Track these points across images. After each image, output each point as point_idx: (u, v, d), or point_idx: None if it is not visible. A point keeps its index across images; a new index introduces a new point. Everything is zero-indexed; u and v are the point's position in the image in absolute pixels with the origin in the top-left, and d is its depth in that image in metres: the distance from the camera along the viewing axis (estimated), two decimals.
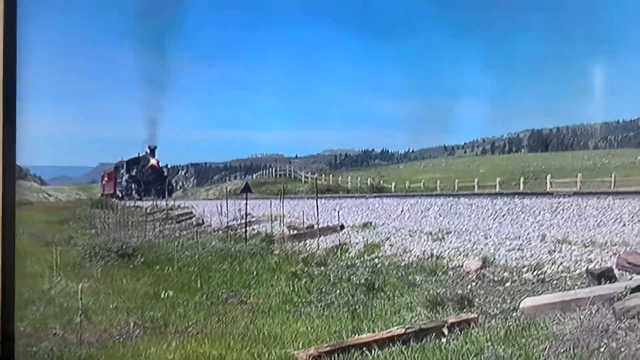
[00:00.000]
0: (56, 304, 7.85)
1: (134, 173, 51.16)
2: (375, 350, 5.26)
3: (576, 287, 6.30)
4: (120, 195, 51.30)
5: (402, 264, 9.38)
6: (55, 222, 24.12)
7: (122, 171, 54.25)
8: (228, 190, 32.55)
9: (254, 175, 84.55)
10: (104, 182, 62.41)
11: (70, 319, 6.70)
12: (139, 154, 54.21)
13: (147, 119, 57.30)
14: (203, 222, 20.21)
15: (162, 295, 8.66)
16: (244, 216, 15.60)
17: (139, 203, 35.92)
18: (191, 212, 23.48)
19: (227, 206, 18.61)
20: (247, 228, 15.03)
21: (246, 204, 15.89)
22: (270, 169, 79.47)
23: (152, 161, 51.03)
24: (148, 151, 52.52)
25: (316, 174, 67.08)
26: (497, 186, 36.20)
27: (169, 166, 58.04)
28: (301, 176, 66.08)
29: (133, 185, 49.75)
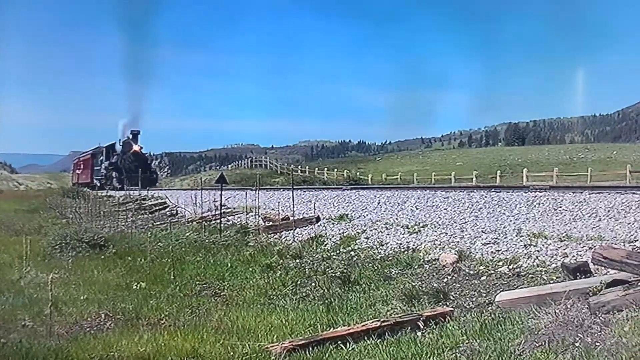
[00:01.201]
0: (26, 295, 7.73)
1: (114, 160, 47.30)
2: (350, 343, 5.24)
3: (552, 281, 6.32)
4: (98, 184, 47.96)
5: (378, 256, 9.36)
6: (25, 211, 23.78)
7: (100, 158, 50.27)
8: (203, 180, 32.30)
9: (230, 166, 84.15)
10: (78, 170, 59.02)
11: (40, 311, 6.60)
12: (119, 139, 49.87)
13: (127, 105, 53.45)
14: (177, 213, 20.00)
15: (134, 287, 8.56)
16: (219, 207, 15.45)
17: (111, 193, 35.12)
18: (165, 203, 23.21)
19: (201, 197, 18.42)
20: (222, 219, 14.90)
21: (221, 194, 15.74)
22: (246, 160, 79.25)
23: (135, 147, 46.74)
24: (130, 136, 48.01)
25: (292, 165, 67.02)
26: (474, 179, 36.59)
27: (152, 154, 55.36)
28: (277, 167, 66.00)
29: (114, 174, 45.69)
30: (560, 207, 10.24)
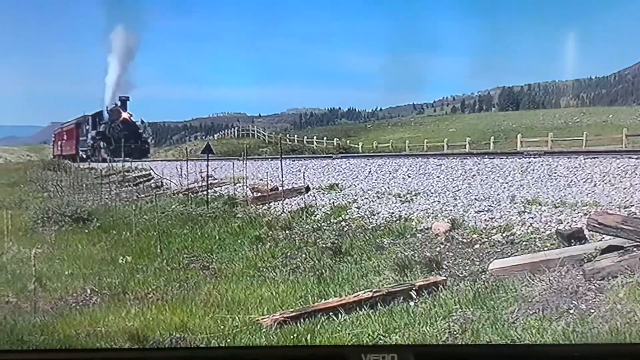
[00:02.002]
0: (8, 271, 7.63)
1: (102, 129, 43.36)
2: (342, 314, 5.19)
3: (546, 248, 6.28)
4: (84, 155, 44.10)
5: (370, 226, 9.26)
6: (4, 185, 23.43)
7: (86, 127, 46.52)
8: (188, 151, 32.08)
9: (216, 135, 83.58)
10: (60, 141, 55.82)
11: (23, 287, 6.52)
12: (106, 107, 45.92)
13: (113, 72, 49.59)
14: (162, 185, 19.74)
15: (120, 261, 8.41)
16: (205, 178, 15.27)
17: (93, 165, 34.43)
18: (149, 174, 22.93)
19: (187, 168, 18.21)
20: (209, 190, 14.73)
21: (207, 165, 15.56)
22: (233, 129, 78.65)
23: (124, 115, 43.15)
24: (118, 103, 44.34)
25: (280, 134, 66.71)
26: (467, 146, 36.54)
27: (145, 122, 51.12)
28: (265, 136, 65.72)
29: (102, 144, 42.04)
30: (555, 172, 10.18)
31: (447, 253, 7.06)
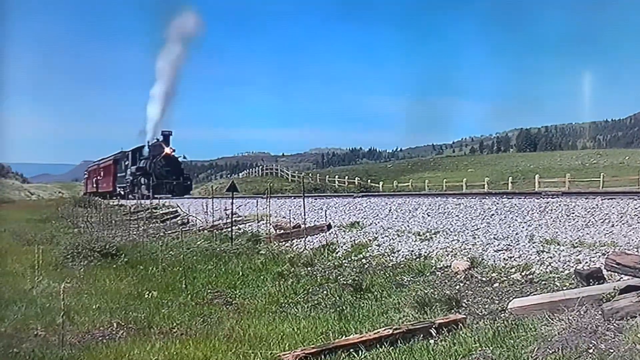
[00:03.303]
0: (38, 304, 7.70)
1: (142, 165, 41.07)
2: (362, 351, 5.20)
3: (565, 287, 6.27)
4: (122, 192, 42.74)
5: (390, 264, 9.32)
6: (37, 221, 23.83)
7: (125, 163, 44.17)
8: (214, 189, 32.23)
9: (241, 174, 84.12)
10: (96, 177, 53.54)
11: (52, 320, 6.59)
12: (148, 142, 43.44)
13: (151, 109, 46.78)
14: (188, 222, 20.04)
15: (146, 296, 8.53)
16: (230, 215, 15.47)
17: (123, 202, 33.44)
18: (176, 211, 23.27)
19: (212, 205, 18.46)
20: (233, 227, 14.92)
21: (232, 203, 15.77)
22: (257, 168, 79.13)
23: (167, 149, 40.47)
24: (160, 138, 41.71)
25: (303, 173, 66.96)
26: (486, 186, 36.43)
27: (187, 158, 46.15)
28: (288, 175, 65.98)
29: (142, 180, 39.39)
30: (573, 213, 10.16)
31: (466, 291, 7.08)
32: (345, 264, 9.83)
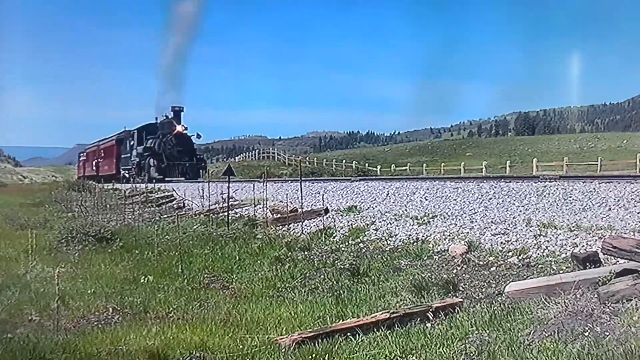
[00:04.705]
0: (32, 289, 7.70)
1: (150, 144, 36.52)
2: (359, 335, 5.22)
3: (561, 271, 6.26)
4: (126, 175, 38.23)
5: (387, 248, 9.31)
6: (30, 205, 23.74)
7: (130, 143, 39.52)
8: (210, 172, 31.91)
9: (237, 158, 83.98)
10: (95, 160, 48.88)
11: (46, 305, 6.58)
12: (156, 118, 38.53)
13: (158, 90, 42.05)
14: (184, 206, 20.01)
15: (142, 281, 8.50)
16: (226, 199, 15.44)
17: (117, 185, 31.49)
18: (172, 195, 23.22)
19: (209, 189, 18.42)
20: (230, 212, 14.89)
21: (228, 187, 15.73)
22: (254, 151, 78.99)
23: (178, 127, 35.84)
24: (171, 114, 36.62)
25: (300, 157, 66.89)
26: (484, 170, 36.49)
27: (201, 135, 38.53)
28: (285, 159, 65.94)
29: (151, 161, 35.22)
30: (570, 196, 10.17)
31: (463, 275, 7.07)
32: (343, 248, 9.82)
